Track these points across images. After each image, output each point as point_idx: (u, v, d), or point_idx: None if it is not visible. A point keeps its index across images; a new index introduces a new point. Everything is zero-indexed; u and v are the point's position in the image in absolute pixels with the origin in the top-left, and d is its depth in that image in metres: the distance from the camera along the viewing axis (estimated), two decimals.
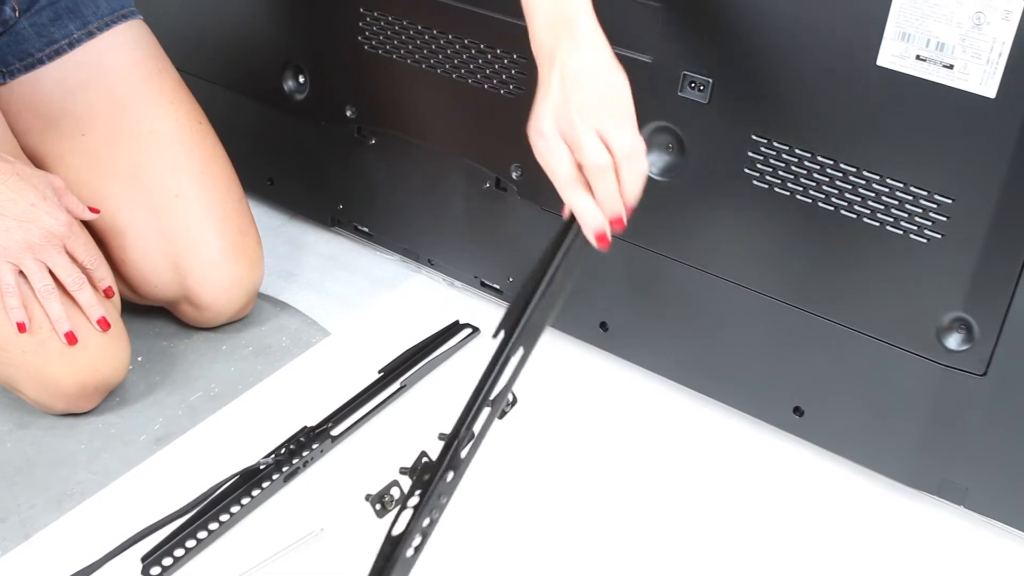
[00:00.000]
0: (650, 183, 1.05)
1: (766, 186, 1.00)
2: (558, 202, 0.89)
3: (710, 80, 0.99)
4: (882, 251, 0.96)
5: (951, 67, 0.88)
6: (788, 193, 0.99)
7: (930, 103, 0.89)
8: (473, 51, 1.15)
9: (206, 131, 1.21)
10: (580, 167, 0.86)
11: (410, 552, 0.80)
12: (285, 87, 1.33)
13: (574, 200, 0.87)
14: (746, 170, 1.00)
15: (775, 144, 0.98)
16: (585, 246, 0.88)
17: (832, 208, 0.97)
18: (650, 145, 1.05)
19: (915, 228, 0.93)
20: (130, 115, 1.16)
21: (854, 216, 0.96)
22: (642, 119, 0.88)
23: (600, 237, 0.87)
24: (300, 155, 1.38)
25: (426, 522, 0.81)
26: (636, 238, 1.10)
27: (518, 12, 0.97)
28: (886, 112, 0.91)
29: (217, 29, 1.37)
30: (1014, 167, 0.87)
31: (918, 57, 0.89)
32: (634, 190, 0.87)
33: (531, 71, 1.10)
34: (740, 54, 0.97)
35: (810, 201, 0.98)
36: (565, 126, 0.86)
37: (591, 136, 0.85)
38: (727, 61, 0.98)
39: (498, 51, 1.13)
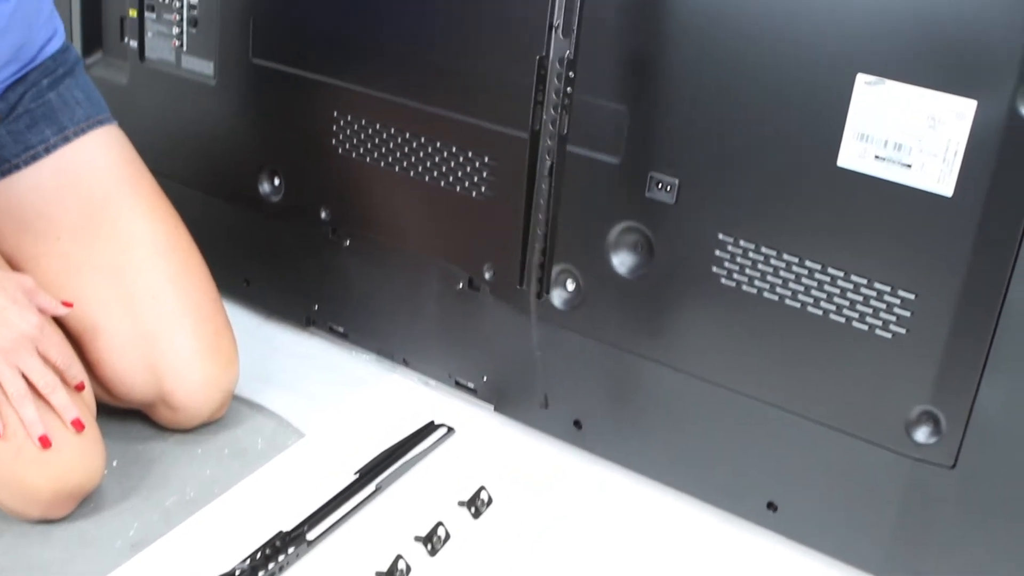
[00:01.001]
0: (620, 282, 1.08)
1: (734, 284, 1.02)
2: (529, 302, 0.90)
3: (676, 181, 1.02)
4: (849, 347, 0.97)
5: (909, 166, 0.90)
6: (755, 291, 1.01)
7: (890, 201, 0.92)
8: (444, 154, 1.17)
9: (181, 233, 1.22)
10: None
11: None
12: (260, 190, 1.35)
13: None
14: (714, 268, 1.02)
15: (741, 243, 1.00)
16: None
17: (799, 305, 0.99)
18: (619, 245, 1.07)
19: (880, 324, 0.95)
20: (106, 218, 1.18)
21: (820, 312, 0.98)
22: (611, 219, 0.90)
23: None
24: (275, 256, 1.39)
25: None
26: (607, 337, 1.12)
27: (488, 115, 1.01)
28: (848, 210, 0.94)
29: (192, 134, 1.40)
30: (973, 262, 0.89)
31: (877, 157, 0.91)
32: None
33: (501, 173, 1.12)
34: (705, 155, 1.00)
35: (777, 298, 1.00)
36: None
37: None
38: (693, 162, 1.01)
39: (469, 153, 1.15)
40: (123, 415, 1.22)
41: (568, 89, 1.02)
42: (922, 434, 0.96)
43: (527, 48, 1.07)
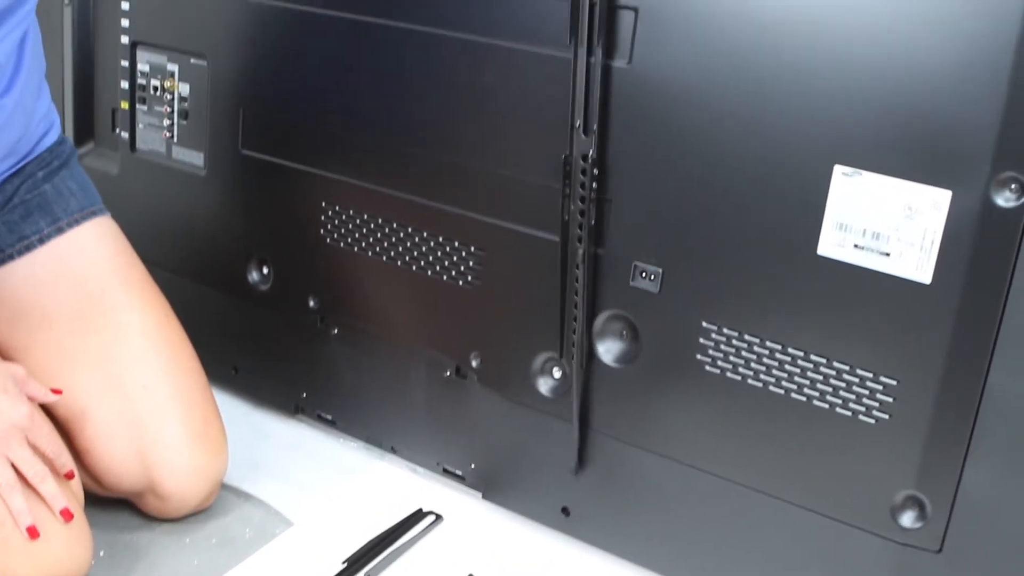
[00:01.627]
0: (606, 370, 1.09)
1: (718, 371, 1.03)
2: (518, 390, 0.91)
3: (660, 270, 1.04)
4: (833, 432, 0.98)
5: (888, 255, 0.92)
6: (740, 377, 1.02)
7: (870, 289, 0.94)
8: (432, 243, 1.19)
9: (172, 323, 1.23)
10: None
11: None
12: (250, 279, 1.36)
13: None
14: (698, 356, 1.04)
15: (725, 331, 1.02)
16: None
17: (783, 391, 1.00)
18: (605, 333, 1.09)
19: (863, 409, 0.96)
20: (98, 308, 1.19)
21: (804, 399, 0.99)
22: (597, 308, 0.91)
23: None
24: (264, 345, 1.40)
25: None
26: (593, 423, 1.13)
27: (474, 206, 1.02)
28: (829, 298, 0.96)
29: (182, 223, 1.41)
30: (953, 348, 0.91)
31: (856, 246, 0.93)
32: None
33: (488, 262, 1.14)
34: (688, 245, 1.02)
35: (761, 385, 1.01)
36: None
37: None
38: (676, 252, 1.03)
39: (456, 243, 1.17)
40: (110, 504, 1.22)
41: (594, 184, 1.05)
42: (908, 519, 0.97)
43: (512, 140, 1.10)
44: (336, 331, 1.32)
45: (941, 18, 0.87)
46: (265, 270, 1.35)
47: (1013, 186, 0.86)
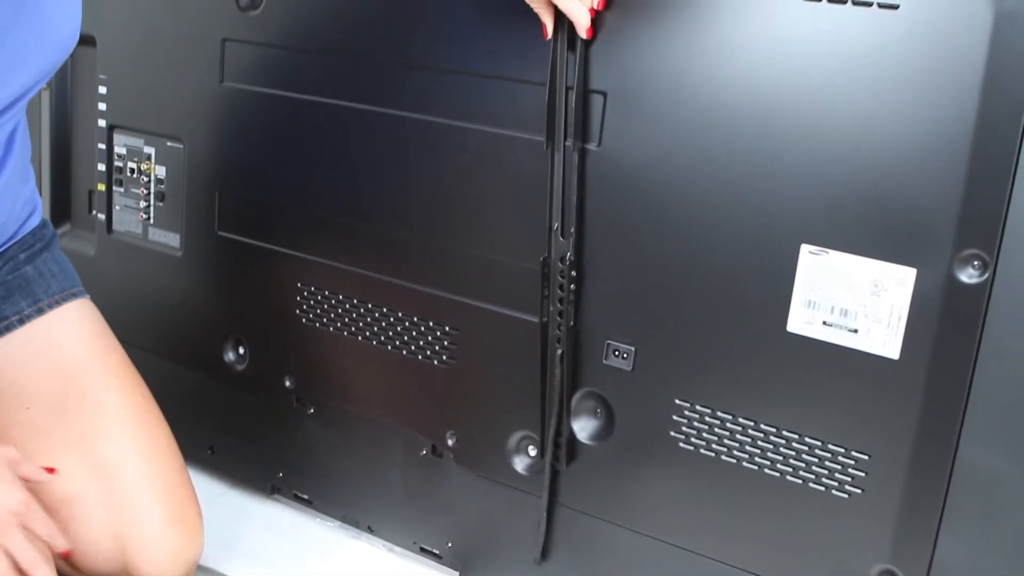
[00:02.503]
0: (580, 447, 1.10)
1: (692, 448, 1.04)
2: (494, 468, 0.91)
3: (633, 348, 1.05)
4: (807, 507, 0.99)
5: (856, 331, 0.94)
6: (713, 454, 1.02)
7: (840, 365, 0.95)
8: (407, 323, 1.20)
9: (149, 405, 1.23)
10: None
11: None
12: (226, 358, 1.37)
13: (572, 6, 1.01)
14: (672, 433, 1.04)
15: (698, 407, 1.03)
16: None
17: (756, 467, 1.00)
18: (578, 411, 1.09)
19: (836, 484, 0.97)
20: (76, 389, 1.19)
21: (778, 474, 1.00)
22: (571, 386, 0.92)
23: (590, 31, 1.02)
24: (240, 424, 1.40)
25: None
26: (568, 501, 1.13)
27: (448, 286, 1.04)
28: (800, 375, 0.97)
29: (159, 303, 1.42)
30: (923, 422, 0.92)
31: (825, 323, 0.95)
32: None
33: (462, 342, 1.15)
34: (660, 323, 1.03)
35: (735, 461, 1.01)
36: None
37: None
38: (649, 330, 1.04)
39: (430, 323, 1.18)
40: None
41: (572, 286, 1.06)
42: None
43: (486, 221, 1.12)
44: (312, 411, 1.32)
45: (902, 103, 0.89)
46: (241, 350, 1.36)
47: (976, 263, 0.88)
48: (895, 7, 0.88)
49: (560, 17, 1.02)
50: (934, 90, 0.88)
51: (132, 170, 1.41)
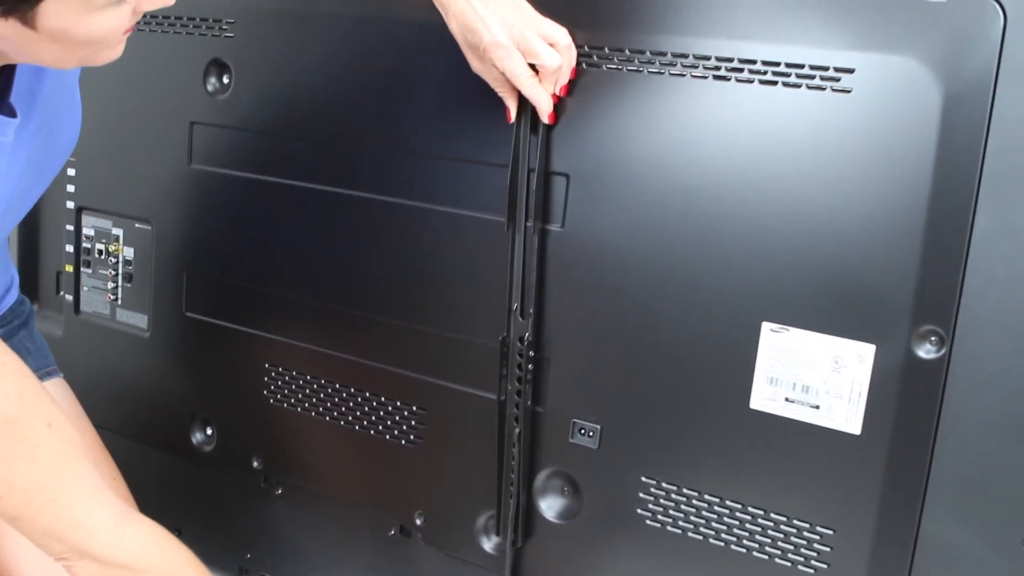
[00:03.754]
0: (547, 525, 1.10)
1: (659, 524, 1.04)
2: (462, 548, 0.91)
3: (599, 427, 1.05)
4: None
5: (817, 407, 0.95)
6: (680, 531, 1.03)
7: (802, 441, 0.96)
8: (374, 403, 1.20)
9: (120, 486, 1.22)
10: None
11: None
12: (193, 439, 1.36)
13: (535, 92, 1.02)
14: (639, 510, 1.05)
15: (664, 485, 1.03)
16: None
17: (723, 543, 1.01)
18: (546, 490, 1.10)
19: (802, 559, 0.97)
20: None
21: (744, 550, 1.00)
22: (536, 466, 0.93)
23: (552, 116, 1.04)
24: (208, 505, 1.39)
25: None
26: None
27: (415, 366, 1.04)
28: (763, 451, 0.98)
29: (126, 384, 1.42)
30: (886, 496, 0.93)
31: (787, 399, 0.96)
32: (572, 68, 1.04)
33: (429, 421, 1.15)
34: (625, 401, 1.04)
35: (701, 538, 1.02)
36: (518, 37, 1.00)
37: (543, 43, 1.01)
38: (614, 409, 1.05)
39: (397, 403, 1.18)
40: None
41: (530, 366, 1.07)
42: None
43: (451, 301, 1.13)
44: (280, 491, 1.31)
45: (857, 182, 0.91)
46: (209, 431, 1.35)
47: (933, 338, 0.90)
48: (848, 91, 0.91)
49: (523, 101, 1.04)
50: (888, 169, 0.90)
51: (100, 251, 1.41)
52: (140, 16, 0.85)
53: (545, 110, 1.02)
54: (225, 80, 1.26)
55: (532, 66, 1.01)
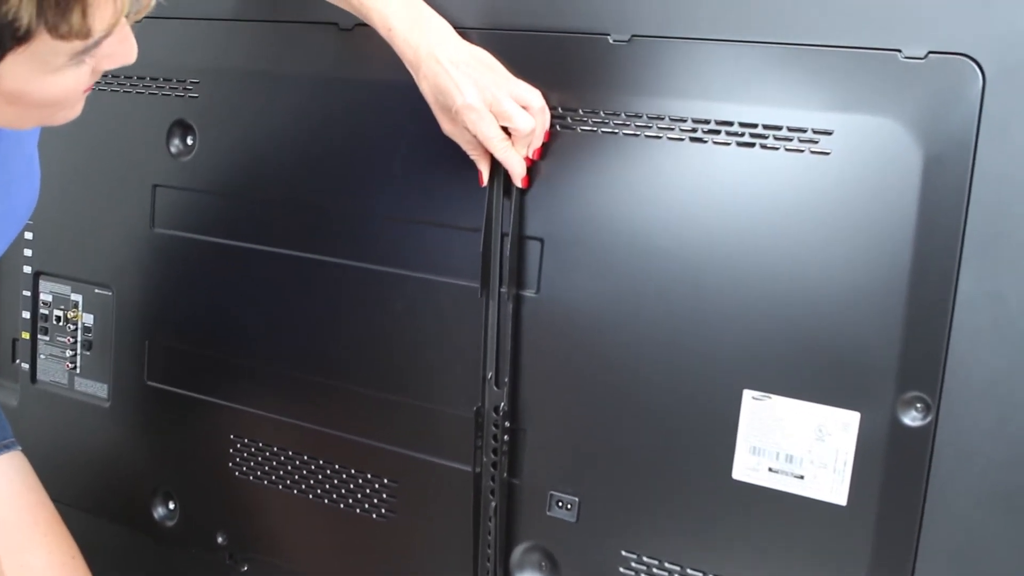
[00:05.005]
0: None
1: None
2: None
3: (576, 499, 1.03)
4: None
5: (802, 477, 0.92)
6: None
7: (787, 512, 0.93)
8: (344, 475, 1.17)
9: (78, 564, 1.18)
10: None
11: None
12: (155, 514, 1.32)
13: (508, 156, 1.01)
14: None
15: (644, 559, 1.00)
16: None
17: None
18: (523, 565, 1.06)
19: None
20: (3, 546, 1.14)
21: None
22: (513, 540, 0.90)
23: (525, 180, 1.02)
24: None
25: None
26: None
27: (386, 437, 1.01)
28: (748, 522, 0.95)
29: (85, 456, 1.38)
30: (873, 568, 0.90)
31: (770, 469, 0.94)
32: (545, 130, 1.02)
33: (401, 494, 1.12)
34: (604, 473, 1.01)
35: None
36: (490, 99, 0.98)
37: (516, 106, 0.99)
38: (592, 480, 1.02)
39: (368, 475, 1.15)
40: None
41: (505, 437, 1.05)
42: None
43: (423, 370, 1.10)
44: (246, 568, 1.27)
45: (838, 246, 0.90)
46: (171, 505, 1.31)
47: (919, 405, 0.88)
48: (827, 153, 0.89)
49: (496, 165, 1.02)
50: (869, 232, 0.89)
51: (58, 318, 1.38)
52: (99, 75, 0.83)
53: (518, 174, 1.00)
54: (189, 141, 1.24)
55: (505, 128, 0.99)
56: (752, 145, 0.92)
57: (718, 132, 0.94)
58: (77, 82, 0.80)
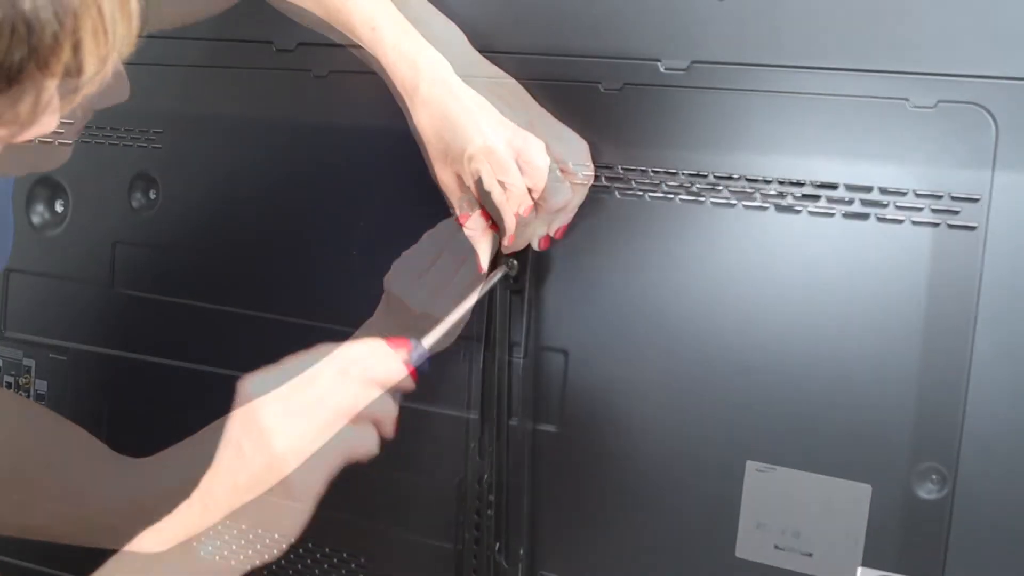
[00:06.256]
0: None
1: None
2: None
3: None
4: None
5: (810, 555, 0.88)
6: None
7: None
8: (317, 555, 1.11)
9: None
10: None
11: None
12: None
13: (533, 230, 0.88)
14: None
15: None
16: None
17: None
18: None
19: None
20: None
21: None
22: None
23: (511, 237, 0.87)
24: None
25: None
26: None
27: (356, 511, 0.97)
28: None
29: None
30: None
31: (776, 547, 0.89)
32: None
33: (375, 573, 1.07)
34: (598, 553, 0.97)
35: None
36: (520, 146, 0.81)
37: (552, 164, 0.84)
38: (586, 562, 0.97)
39: (344, 554, 1.09)
40: None
41: (489, 511, 0.99)
42: None
43: (400, 443, 1.04)
44: None
45: (849, 314, 0.86)
46: None
47: (934, 477, 0.84)
48: (830, 215, 0.86)
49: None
50: (880, 299, 0.85)
51: (9, 385, 1.31)
52: (91, 115, 0.77)
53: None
54: (152, 195, 1.19)
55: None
56: (764, 208, 0.89)
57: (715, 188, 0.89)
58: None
